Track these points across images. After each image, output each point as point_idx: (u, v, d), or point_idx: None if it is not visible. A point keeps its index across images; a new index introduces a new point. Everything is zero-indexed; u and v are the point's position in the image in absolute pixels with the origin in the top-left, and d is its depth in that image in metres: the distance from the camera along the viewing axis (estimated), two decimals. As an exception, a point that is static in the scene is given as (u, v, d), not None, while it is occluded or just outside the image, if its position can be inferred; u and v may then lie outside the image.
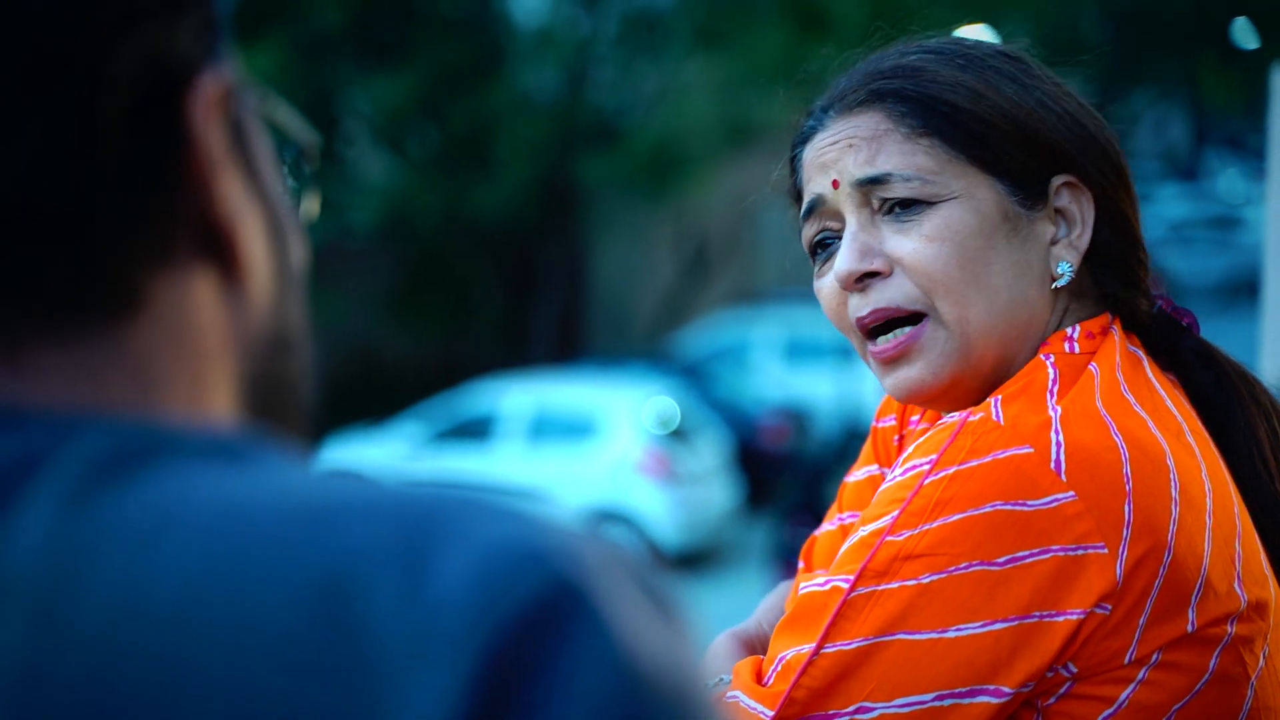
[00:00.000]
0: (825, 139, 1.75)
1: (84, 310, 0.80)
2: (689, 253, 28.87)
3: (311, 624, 0.73)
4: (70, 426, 0.78)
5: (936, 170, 1.68)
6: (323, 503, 0.77)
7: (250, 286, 0.87)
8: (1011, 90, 1.71)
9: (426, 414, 20.44)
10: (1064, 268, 1.70)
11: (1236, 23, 36.12)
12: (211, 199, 0.84)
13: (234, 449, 0.80)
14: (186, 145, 0.83)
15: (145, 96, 0.81)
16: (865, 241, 1.70)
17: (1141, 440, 1.58)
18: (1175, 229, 38.33)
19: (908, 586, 1.54)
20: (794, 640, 1.59)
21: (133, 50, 0.80)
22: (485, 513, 0.77)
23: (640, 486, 18.53)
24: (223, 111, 0.85)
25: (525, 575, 0.74)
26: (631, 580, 0.77)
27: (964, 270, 1.67)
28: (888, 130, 1.70)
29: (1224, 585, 1.58)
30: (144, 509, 0.76)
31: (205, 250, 0.84)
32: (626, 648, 0.74)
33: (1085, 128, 1.74)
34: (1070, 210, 1.72)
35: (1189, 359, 1.76)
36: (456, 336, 26.86)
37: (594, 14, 26.50)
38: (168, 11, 0.82)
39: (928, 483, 1.56)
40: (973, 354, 1.68)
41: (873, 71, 1.75)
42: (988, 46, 1.78)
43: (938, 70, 1.72)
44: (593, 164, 24.99)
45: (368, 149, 26.78)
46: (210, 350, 0.85)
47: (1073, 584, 1.52)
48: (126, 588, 0.74)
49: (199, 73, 0.83)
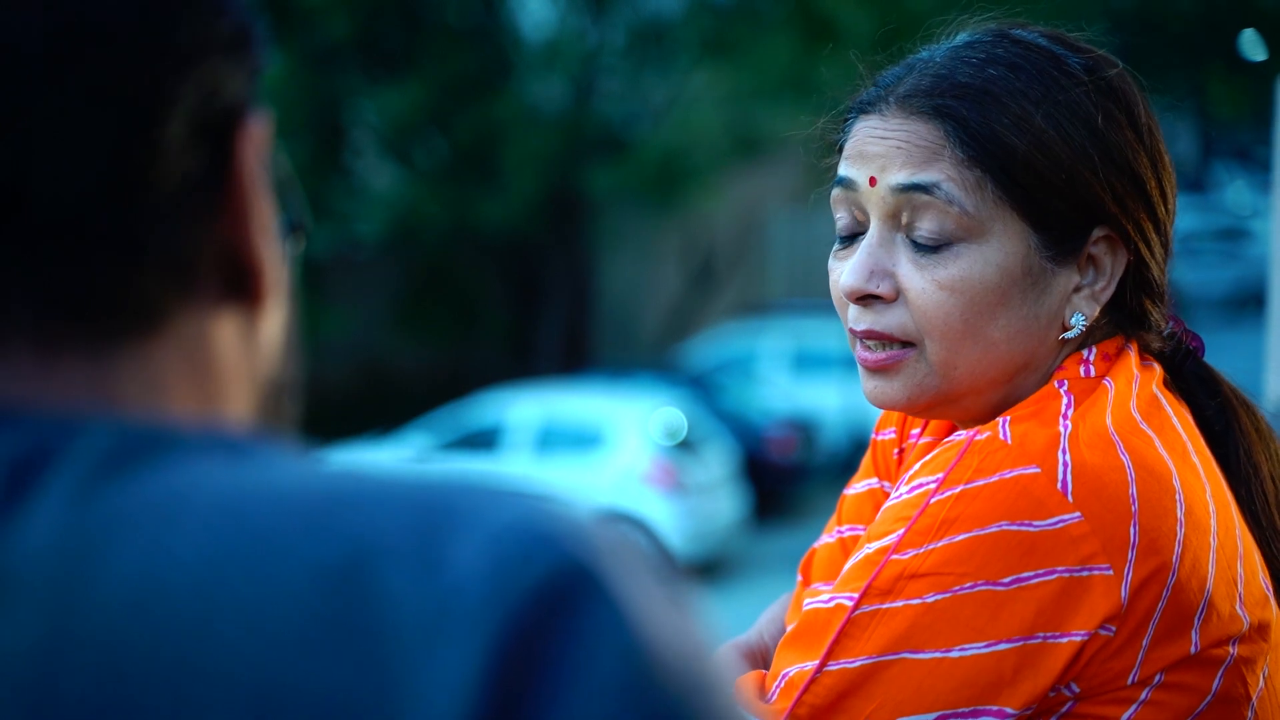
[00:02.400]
0: (879, 128, 1.68)
1: (108, 325, 0.82)
2: (696, 264, 28.88)
3: (328, 606, 0.74)
4: (79, 424, 0.79)
5: (979, 205, 1.63)
6: (336, 489, 0.78)
7: (265, 329, 0.89)
8: (1080, 138, 1.64)
9: (433, 425, 20.45)
10: (1078, 319, 1.67)
11: (1244, 34, 36.15)
12: (246, 236, 0.86)
13: (242, 445, 0.81)
14: (229, 181, 0.85)
15: (201, 129, 0.83)
16: (879, 260, 1.67)
17: (1148, 460, 1.58)
18: (1182, 241, 38.29)
19: (912, 605, 1.54)
20: (797, 657, 1.59)
21: (198, 81, 0.83)
22: (499, 497, 0.78)
23: (647, 497, 18.52)
24: (263, 155, 0.88)
25: (539, 557, 0.75)
26: (642, 565, 0.79)
27: (966, 324, 1.64)
28: (943, 147, 1.64)
29: (1227, 607, 1.57)
30: (155, 499, 0.77)
31: (231, 288, 0.87)
32: (640, 627, 0.75)
33: (1143, 185, 1.68)
34: (1102, 261, 1.67)
35: (1193, 383, 1.76)
36: (463, 347, 26.88)
37: (601, 25, 26.54)
38: (230, 51, 0.85)
39: (934, 501, 1.55)
40: (954, 392, 1.67)
41: (946, 80, 1.66)
42: (1078, 64, 1.69)
43: (1009, 101, 1.64)
44: (600, 175, 25.00)
45: (374, 160, 26.81)
46: (224, 384, 0.87)
47: (1078, 605, 1.52)
48: (140, 575, 0.75)
49: (247, 114, 0.86)
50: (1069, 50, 1.71)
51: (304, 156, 22.50)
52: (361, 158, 26.84)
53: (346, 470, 0.80)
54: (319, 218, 11.98)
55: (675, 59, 26.32)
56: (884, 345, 1.68)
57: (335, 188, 24.72)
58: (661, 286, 29.20)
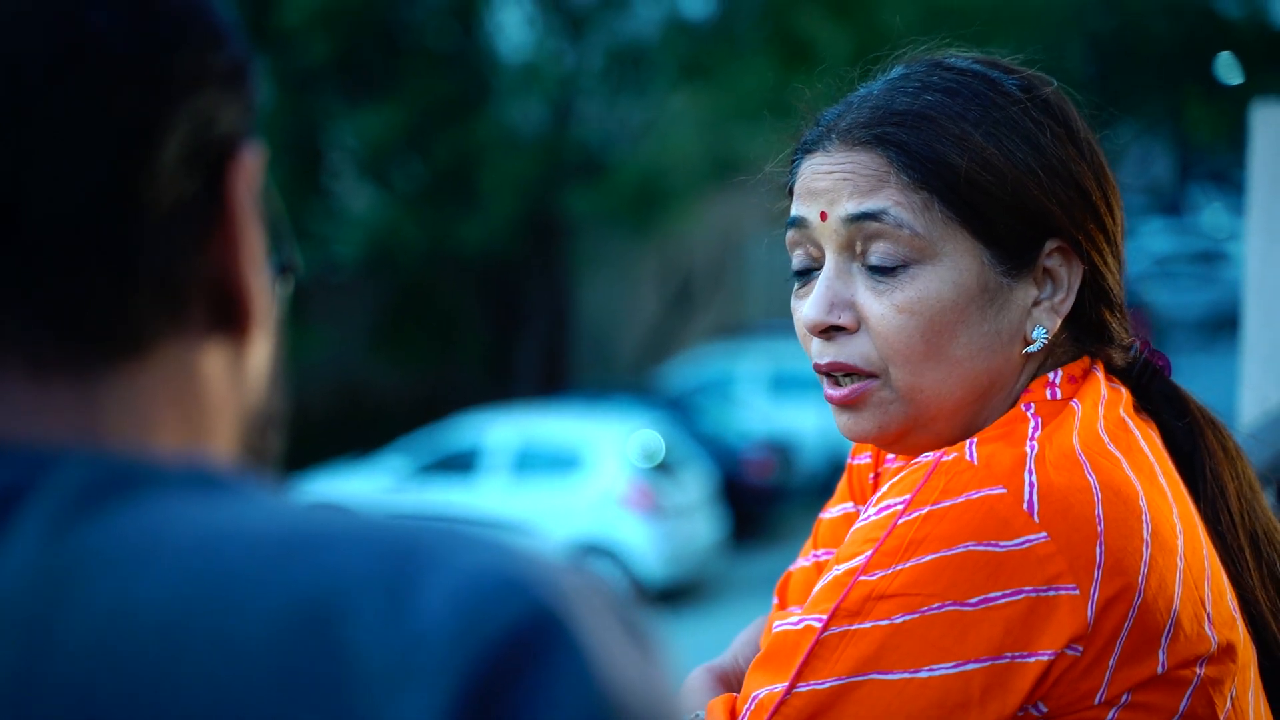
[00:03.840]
0: (824, 164, 1.71)
1: (94, 351, 0.83)
2: (674, 286, 28.90)
3: (295, 646, 0.74)
4: (54, 458, 0.79)
5: (928, 227, 1.66)
6: (307, 530, 0.78)
7: (252, 361, 0.90)
8: (1022, 153, 1.68)
9: (411, 447, 20.42)
10: (1039, 333, 1.69)
11: (1220, 58, 36.31)
12: (236, 267, 0.87)
13: (217, 481, 0.82)
14: (222, 212, 0.87)
15: (195, 157, 0.85)
16: (837, 292, 1.70)
17: (1115, 481, 1.59)
18: (1159, 264, 38.46)
19: (880, 626, 1.54)
20: (767, 679, 1.59)
21: (193, 109, 0.85)
22: (467, 542, 0.78)
23: (625, 520, 18.51)
24: (255, 187, 0.89)
25: (505, 602, 0.76)
26: (609, 610, 0.79)
27: (928, 344, 1.66)
28: (888, 174, 1.67)
29: (1194, 627, 1.58)
30: (128, 535, 0.77)
31: (218, 319, 0.87)
32: (603, 674, 0.76)
33: (1088, 196, 1.70)
34: (1059, 274, 1.70)
35: (1160, 403, 1.77)
36: (441, 369, 26.85)
37: (579, 48, 26.57)
38: (226, 83, 0.87)
39: (901, 522, 1.56)
40: (923, 416, 1.68)
41: (884, 110, 1.70)
42: (1013, 85, 1.73)
43: (948, 124, 1.68)
44: (578, 197, 25.02)
45: (353, 182, 26.80)
46: (210, 415, 0.87)
47: (1044, 625, 1.52)
48: (112, 611, 0.75)
49: (240, 146, 0.88)
50: (1003, 73, 1.74)
51: (283, 178, 22.46)
52: (340, 180, 26.83)
53: (319, 510, 0.80)
54: (297, 239, 12.14)
55: (653, 81, 26.35)
56: (849, 378, 1.70)
57: (314, 210, 24.71)
58: (640, 309, 29.21)
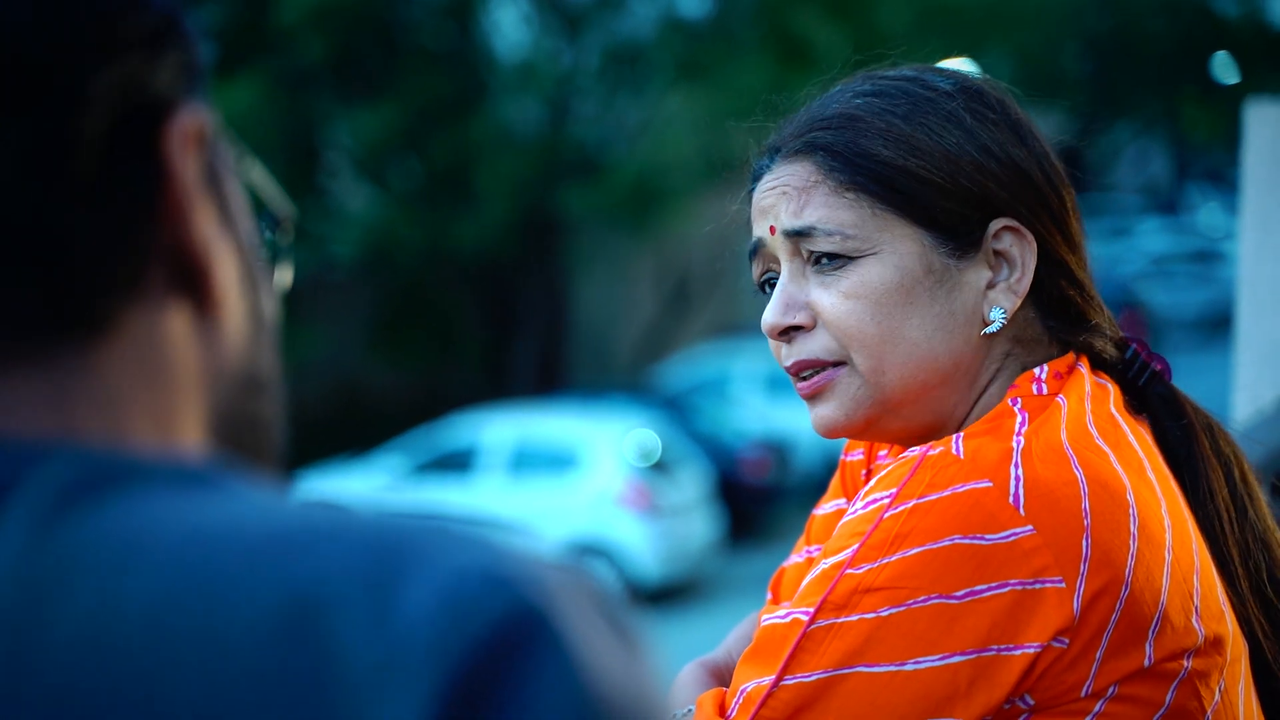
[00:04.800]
0: (767, 183, 1.77)
1: (54, 334, 0.81)
2: (670, 286, 28.89)
3: (280, 644, 0.74)
4: (38, 453, 0.79)
5: (859, 224, 1.69)
6: (292, 527, 0.78)
7: (224, 323, 0.88)
8: (954, 138, 1.71)
9: (407, 446, 20.41)
10: (996, 314, 1.71)
11: (1217, 57, 36.32)
12: (187, 231, 0.85)
13: (203, 477, 0.81)
14: (162, 176, 0.84)
15: (122, 125, 0.83)
16: (792, 294, 1.73)
17: (1102, 475, 1.59)
18: (1156, 263, 38.48)
19: (867, 619, 1.55)
20: (755, 672, 1.60)
21: (111, 78, 0.82)
22: (453, 540, 0.78)
23: (621, 519, 18.52)
24: (199, 149, 0.86)
25: (490, 600, 0.76)
26: (594, 606, 0.79)
27: (879, 326, 1.69)
28: (817, 182, 1.72)
29: (1181, 620, 1.58)
30: (113, 533, 0.77)
31: (180, 283, 0.86)
32: (588, 672, 0.76)
33: (1028, 176, 1.73)
34: (1011, 254, 1.72)
35: (1157, 405, 1.78)
36: (437, 369, 26.85)
37: (575, 47, 26.55)
38: (147, 46, 0.84)
39: (887, 516, 1.56)
40: (889, 400, 1.70)
41: (814, 118, 1.76)
42: (945, 82, 1.77)
43: (874, 119, 1.72)
44: (574, 197, 25.00)
45: (349, 182, 26.78)
46: (181, 382, 0.86)
47: (1030, 617, 1.53)
48: (97, 609, 0.75)
49: (176, 108, 0.85)
50: (935, 74, 1.78)
51: (279, 178, 22.38)
52: (336, 179, 26.81)
53: (305, 507, 0.80)
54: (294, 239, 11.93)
55: (649, 81, 26.34)
56: (816, 371, 1.73)
57: (310, 209, 24.67)
58: (636, 308, 29.21)
